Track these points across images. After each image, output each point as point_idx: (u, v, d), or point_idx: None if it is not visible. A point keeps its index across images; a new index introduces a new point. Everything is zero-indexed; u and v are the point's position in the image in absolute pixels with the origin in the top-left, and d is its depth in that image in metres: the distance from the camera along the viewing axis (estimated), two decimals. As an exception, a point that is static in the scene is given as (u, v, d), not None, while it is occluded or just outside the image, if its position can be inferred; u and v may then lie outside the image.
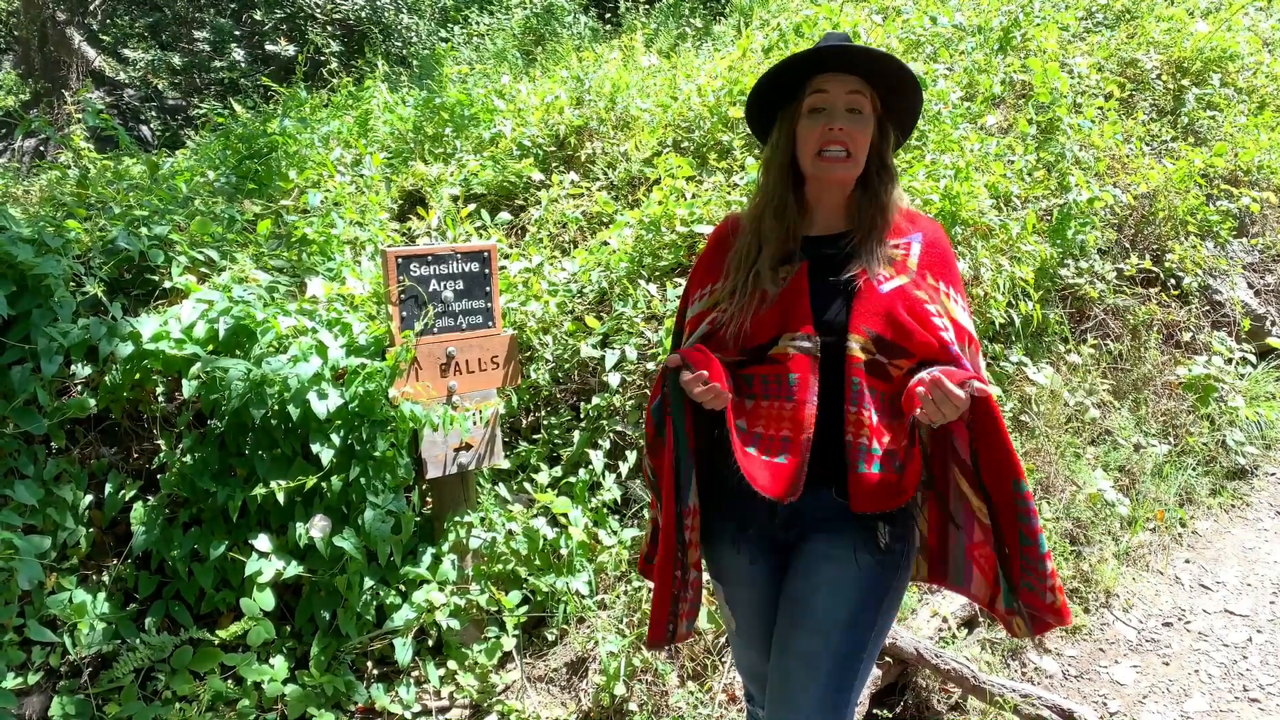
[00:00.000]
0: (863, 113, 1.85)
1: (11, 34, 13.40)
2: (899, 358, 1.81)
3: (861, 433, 1.78)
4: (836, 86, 1.85)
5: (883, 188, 1.91)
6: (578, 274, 4.02)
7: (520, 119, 5.22)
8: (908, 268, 1.87)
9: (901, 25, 5.78)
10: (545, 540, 3.26)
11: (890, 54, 1.85)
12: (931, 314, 1.82)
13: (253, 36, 10.59)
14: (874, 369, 1.80)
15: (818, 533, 1.89)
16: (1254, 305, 5.47)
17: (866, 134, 1.86)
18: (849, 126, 1.83)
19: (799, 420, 1.80)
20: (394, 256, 3.03)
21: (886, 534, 1.84)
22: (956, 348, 1.82)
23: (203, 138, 6.27)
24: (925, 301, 1.83)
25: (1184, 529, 4.33)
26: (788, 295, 1.87)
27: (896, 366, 1.81)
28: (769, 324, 1.87)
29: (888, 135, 1.92)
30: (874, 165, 1.90)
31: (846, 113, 1.84)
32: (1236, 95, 6.23)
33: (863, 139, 1.85)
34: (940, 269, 1.91)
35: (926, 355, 1.81)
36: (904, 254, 1.89)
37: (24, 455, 2.80)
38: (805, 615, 1.86)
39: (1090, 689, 3.32)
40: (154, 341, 2.84)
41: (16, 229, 2.93)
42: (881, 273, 1.84)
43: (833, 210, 1.95)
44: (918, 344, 1.80)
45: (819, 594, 1.85)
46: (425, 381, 3.09)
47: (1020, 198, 4.54)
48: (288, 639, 2.97)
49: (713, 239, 2.09)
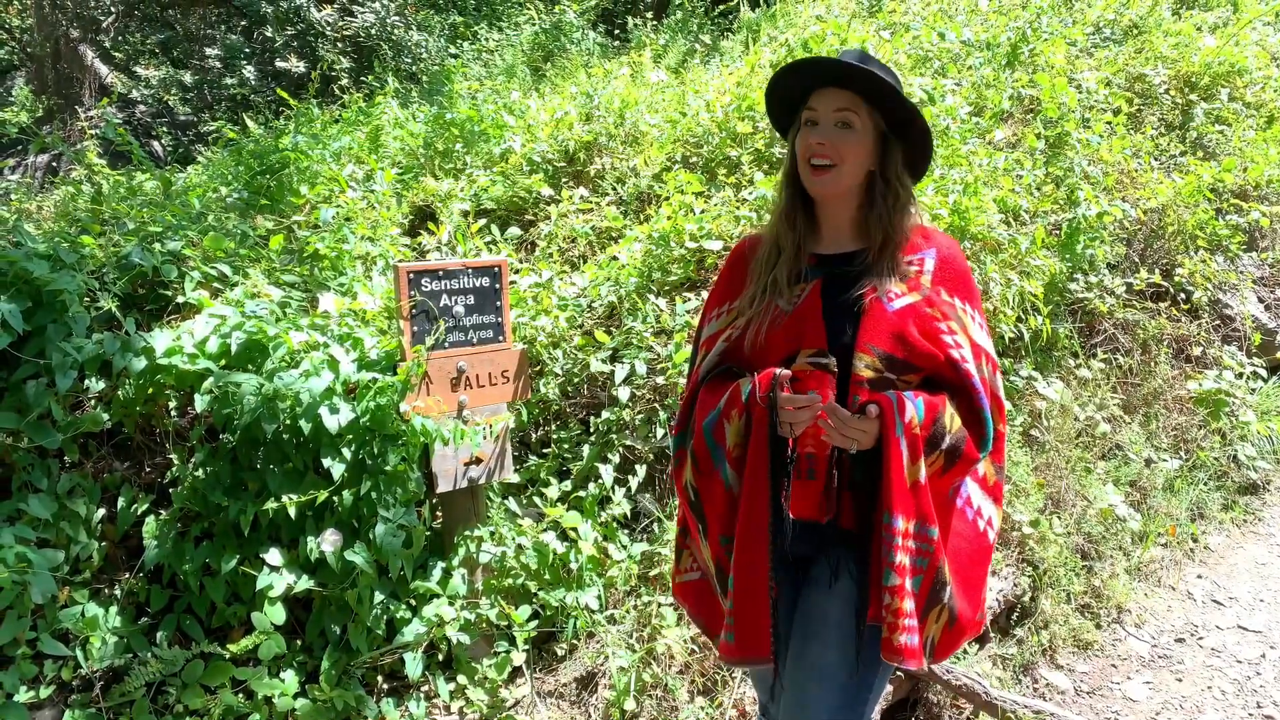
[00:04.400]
0: (853, 127, 1.85)
1: (25, 51, 13.52)
2: (907, 374, 1.82)
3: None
4: (827, 101, 1.86)
5: (887, 205, 1.90)
6: (587, 289, 4.03)
7: (530, 134, 5.25)
8: (920, 285, 1.87)
9: (910, 41, 5.80)
10: (555, 555, 3.26)
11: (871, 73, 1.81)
12: (942, 331, 1.83)
13: (264, 53, 10.66)
14: (881, 387, 1.80)
15: (833, 546, 1.89)
16: (1264, 319, 5.45)
17: (857, 147, 1.85)
18: (834, 139, 1.84)
19: (820, 438, 1.80)
20: (405, 271, 3.04)
21: None
22: (970, 365, 1.82)
23: (215, 154, 6.32)
24: (937, 319, 1.84)
25: (1196, 544, 4.31)
26: (802, 313, 1.88)
27: (905, 382, 1.82)
28: (783, 342, 1.87)
29: (893, 153, 1.90)
30: (876, 182, 1.90)
31: (835, 126, 1.85)
32: (1245, 110, 6.23)
33: (850, 151, 1.85)
34: (956, 285, 1.91)
35: (933, 370, 1.82)
36: (917, 270, 1.89)
37: (38, 469, 2.82)
38: (820, 628, 1.86)
39: (1103, 705, 3.30)
40: (167, 356, 2.86)
41: (32, 244, 2.96)
42: (893, 290, 1.84)
43: (840, 227, 1.96)
44: (927, 360, 1.81)
45: (833, 607, 1.86)
46: (436, 396, 3.10)
47: (1029, 212, 4.55)
48: (298, 653, 2.97)
49: (730, 257, 2.10)
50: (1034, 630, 3.52)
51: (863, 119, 1.85)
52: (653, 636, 3.14)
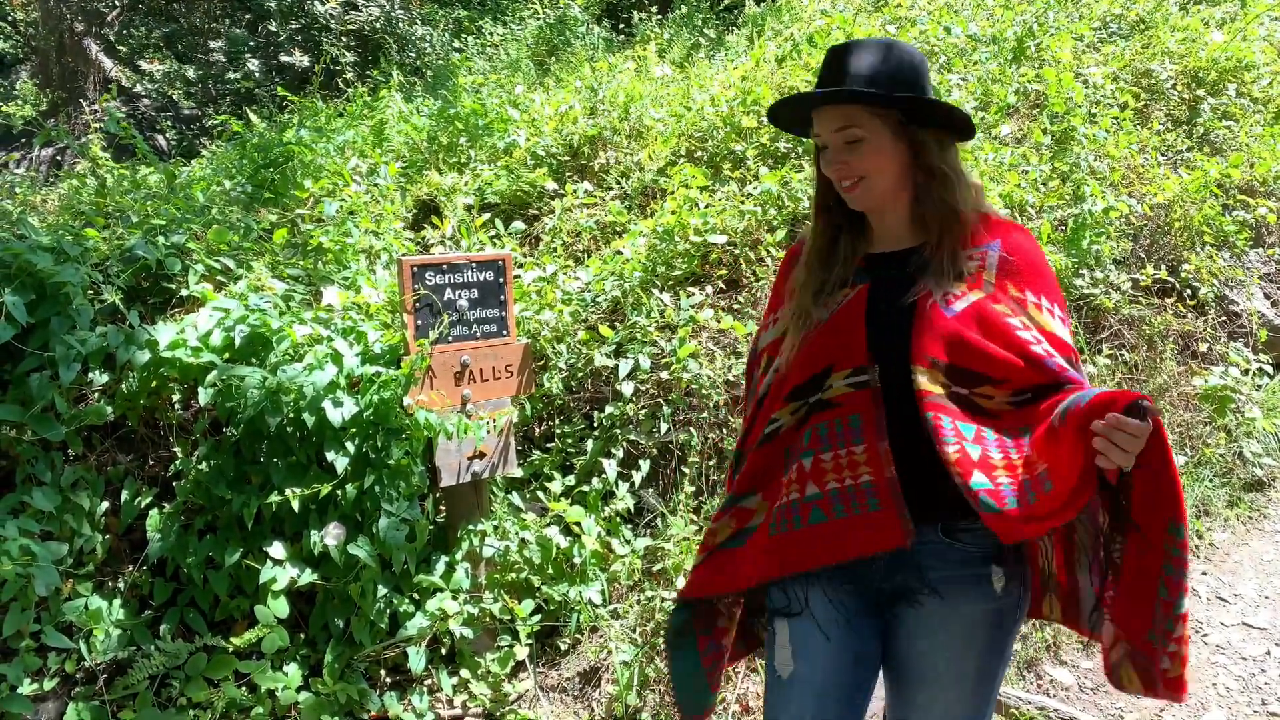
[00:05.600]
0: (860, 140, 1.72)
1: (30, 44, 13.53)
2: (981, 385, 1.63)
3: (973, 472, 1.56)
4: (826, 123, 1.75)
5: (936, 196, 1.74)
6: (591, 283, 4.03)
7: (534, 129, 5.24)
8: (983, 281, 1.70)
9: (916, 35, 5.78)
10: (558, 549, 3.26)
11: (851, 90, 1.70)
12: (1014, 328, 1.65)
13: (268, 47, 10.66)
14: (959, 403, 1.62)
15: (923, 582, 1.73)
16: (1271, 316, 5.43)
17: (874, 156, 1.72)
18: (846, 158, 1.73)
19: (876, 459, 1.67)
20: (409, 265, 3.04)
21: (1001, 576, 1.71)
22: (1058, 360, 1.63)
23: (219, 147, 6.32)
24: (1006, 315, 1.66)
25: (1201, 541, 4.30)
26: (837, 324, 1.76)
27: (984, 396, 1.64)
28: (819, 354, 1.76)
29: (920, 140, 1.73)
30: (918, 176, 1.75)
31: (844, 145, 1.74)
32: (1252, 105, 6.20)
33: (867, 163, 1.73)
34: (1026, 277, 1.72)
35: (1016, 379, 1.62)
36: (979, 266, 1.72)
37: (41, 462, 2.82)
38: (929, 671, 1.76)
39: (1106, 701, 3.29)
40: (171, 349, 2.86)
41: (36, 237, 2.96)
42: (952, 291, 1.68)
43: (897, 224, 1.82)
44: (1000, 366, 1.62)
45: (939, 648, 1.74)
46: (440, 390, 3.10)
47: (1035, 207, 4.53)
48: (302, 646, 2.97)
49: (783, 263, 2.01)
50: (1038, 626, 3.52)
51: (868, 126, 1.72)
52: (656, 631, 3.13)
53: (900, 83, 1.70)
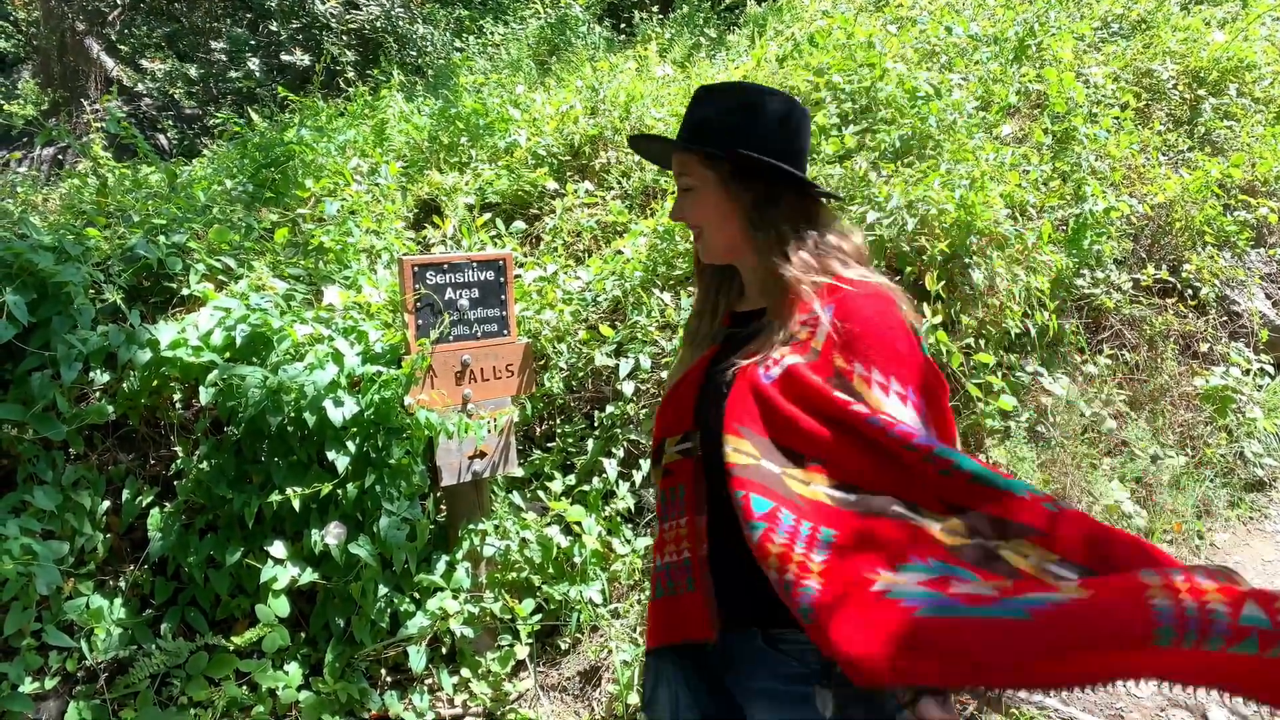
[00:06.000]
0: (693, 189, 1.64)
1: (31, 44, 13.54)
2: (800, 465, 1.41)
3: (784, 566, 1.29)
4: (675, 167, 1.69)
5: (760, 255, 1.61)
6: (592, 283, 4.03)
7: (535, 128, 5.24)
8: (810, 349, 1.49)
9: (916, 35, 5.78)
10: (559, 548, 3.26)
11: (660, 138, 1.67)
12: (829, 389, 1.43)
13: (269, 47, 10.67)
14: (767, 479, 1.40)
15: (747, 688, 1.53)
16: (1272, 316, 5.43)
17: (703, 207, 1.64)
18: (683, 204, 1.67)
19: (693, 535, 1.56)
20: (410, 265, 3.04)
21: (830, 702, 1.39)
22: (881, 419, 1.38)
23: (220, 147, 6.32)
24: (821, 385, 1.44)
25: (1202, 541, 4.29)
26: (681, 385, 1.67)
27: (800, 481, 1.40)
28: (662, 416, 1.69)
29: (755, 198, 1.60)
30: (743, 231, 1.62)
31: (683, 192, 1.67)
32: (1254, 105, 6.19)
33: (701, 214, 1.65)
34: (859, 350, 1.46)
35: (826, 455, 1.40)
36: (809, 332, 1.51)
37: (43, 461, 2.82)
38: None
39: (1107, 701, 3.29)
40: (172, 349, 2.86)
41: (37, 236, 2.96)
42: (773, 355, 1.50)
43: (753, 282, 1.71)
44: (806, 437, 1.41)
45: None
46: (440, 389, 3.10)
47: (1036, 207, 4.53)
48: (302, 645, 2.97)
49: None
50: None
51: (698, 176, 1.63)
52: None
53: (736, 135, 1.58)
